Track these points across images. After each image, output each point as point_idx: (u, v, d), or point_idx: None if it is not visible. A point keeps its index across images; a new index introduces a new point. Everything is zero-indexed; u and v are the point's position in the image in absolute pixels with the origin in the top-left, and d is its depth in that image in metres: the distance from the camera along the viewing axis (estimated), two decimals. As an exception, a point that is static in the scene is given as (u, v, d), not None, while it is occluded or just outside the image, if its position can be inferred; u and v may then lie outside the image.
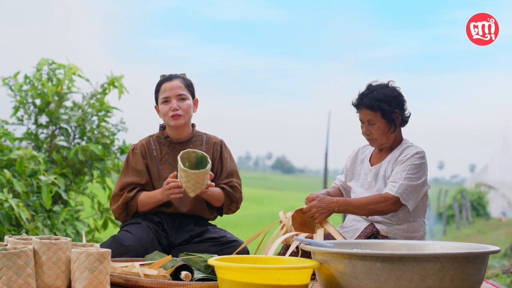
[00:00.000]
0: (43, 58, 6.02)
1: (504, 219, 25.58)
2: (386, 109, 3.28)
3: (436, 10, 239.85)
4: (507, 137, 30.31)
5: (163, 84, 3.58)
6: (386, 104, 3.28)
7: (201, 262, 2.97)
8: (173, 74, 3.62)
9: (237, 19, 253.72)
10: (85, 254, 2.55)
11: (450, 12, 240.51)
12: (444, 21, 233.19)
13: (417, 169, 3.26)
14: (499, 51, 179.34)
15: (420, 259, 2.45)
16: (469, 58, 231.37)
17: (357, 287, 2.51)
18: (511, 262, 10.98)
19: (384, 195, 3.24)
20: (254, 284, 2.44)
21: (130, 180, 3.55)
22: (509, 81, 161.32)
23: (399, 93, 3.35)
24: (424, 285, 2.46)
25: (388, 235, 3.29)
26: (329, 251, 2.57)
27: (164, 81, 3.59)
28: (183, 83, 3.58)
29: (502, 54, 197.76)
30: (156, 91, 3.61)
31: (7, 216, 5.07)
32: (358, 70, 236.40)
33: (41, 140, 6.02)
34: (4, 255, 2.49)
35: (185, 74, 3.67)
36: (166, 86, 3.56)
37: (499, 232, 18.68)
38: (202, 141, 3.67)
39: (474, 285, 2.56)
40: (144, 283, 2.70)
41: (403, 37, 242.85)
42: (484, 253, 2.56)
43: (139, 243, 3.37)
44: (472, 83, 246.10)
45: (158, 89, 3.60)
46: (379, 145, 3.38)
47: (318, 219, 3.22)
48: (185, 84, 3.58)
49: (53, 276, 2.59)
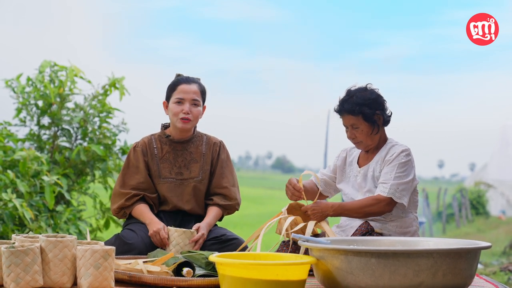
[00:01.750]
0: (45, 60, 6.10)
1: (503, 217, 25.65)
2: (367, 112, 3.37)
3: (436, 10, 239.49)
4: (506, 137, 30.40)
5: (181, 85, 3.62)
6: (366, 107, 3.37)
7: (202, 259, 3.05)
8: (191, 77, 3.67)
9: (237, 19, 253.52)
10: (91, 252, 2.63)
11: (450, 12, 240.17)
12: (444, 21, 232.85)
13: (405, 167, 3.35)
14: (499, 51, 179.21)
15: (414, 255, 2.53)
16: (469, 58, 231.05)
17: (353, 282, 2.60)
18: (509, 260, 11.06)
19: (376, 197, 3.33)
20: (253, 279, 2.53)
21: (131, 182, 3.63)
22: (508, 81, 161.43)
23: (378, 95, 3.44)
24: (418, 280, 2.54)
25: (382, 232, 3.38)
26: (325, 248, 2.66)
27: (182, 81, 3.64)
28: (199, 88, 3.65)
29: (502, 54, 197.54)
30: (171, 89, 3.65)
31: (11, 216, 5.15)
32: (358, 70, 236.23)
33: (43, 141, 6.10)
34: (12, 253, 2.58)
35: (200, 79, 3.74)
36: (183, 87, 3.61)
37: (499, 231, 18.76)
38: (202, 142, 3.76)
39: (466, 280, 2.65)
40: (147, 279, 2.77)
41: (403, 37, 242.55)
42: (475, 249, 2.64)
43: (142, 241, 3.46)
44: (472, 83, 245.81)
45: (174, 88, 3.64)
46: (365, 147, 3.48)
47: (312, 220, 3.34)
48: (200, 90, 3.65)
49: (60, 273, 2.67)
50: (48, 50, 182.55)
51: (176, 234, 3.42)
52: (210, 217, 3.60)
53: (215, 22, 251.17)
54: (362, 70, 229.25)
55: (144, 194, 3.61)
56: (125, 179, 3.64)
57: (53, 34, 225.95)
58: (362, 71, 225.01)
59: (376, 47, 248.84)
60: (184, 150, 3.71)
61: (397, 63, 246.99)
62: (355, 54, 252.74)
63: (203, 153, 3.72)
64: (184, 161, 3.69)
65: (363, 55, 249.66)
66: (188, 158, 3.70)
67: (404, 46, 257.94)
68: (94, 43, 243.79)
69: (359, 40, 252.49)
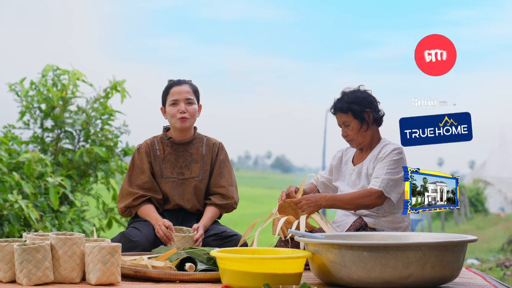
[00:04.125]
0: (48, 64, 6.21)
1: (502, 214, 25.76)
2: (356, 109, 3.56)
3: (436, 10, 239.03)
4: (505, 134, 30.52)
5: (173, 88, 3.80)
6: (355, 105, 3.56)
7: (203, 254, 3.19)
8: (181, 79, 3.85)
9: (237, 19, 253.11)
10: (98, 248, 2.78)
11: (450, 12, 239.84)
12: (444, 21, 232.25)
13: (396, 164, 3.51)
14: (499, 51, 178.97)
15: (403, 248, 2.69)
16: (469, 58, 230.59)
17: (346, 274, 2.75)
18: (507, 256, 11.18)
19: (368, 190, 3.49)
20: (252, 273, 2.68)
21: (137, 182, 3.78)
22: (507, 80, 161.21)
23: (368, 94, 3.63)
24: (407, 272, 2.70)
25: (375, 227, 3.53)
26: (320, 242, 2.81)
27: (173, 85, 3.81)
28: (191, 88, 3.82)
29: (502, 54, 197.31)
30: (165, 94, 3.83)
31: (17, 217, 5.28)
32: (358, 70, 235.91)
33: (47, 143, 6.19)
34: (24, 250, 2.73)
35: (192, 80, 3.91)
36: (175, 89, 3.79)
37: (497, 228, 18.84)
38: (203, 143, 3.91)
39: (453, 272, 2.80)
40: (152, 274, 2.91)
41: (403, 37, 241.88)
42: (462, 242, 2.80)
43: (146, 238, 3.61)
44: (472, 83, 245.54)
45: (167, 92, 3.81)
46: (357, 145, 3.64)
47: (306, 211, 3.49)
48: (192, 90, 3.82)
49: (69, 269, 2.82)
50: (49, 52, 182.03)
51: (176, 239, 3.57)
52: (206, 218, 3.76)
53: (215, 22, 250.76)
54: (362, 70, 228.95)
55: (151, 196, 3.77)
56: (131, 179, 3.80)
57: (53, 35, 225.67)
58: (362, 71, 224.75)
59: (376, 47, 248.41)
60: (185, 151, 3.86)
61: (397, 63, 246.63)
62: (355, 54, 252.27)
63: (203, 154, 3.88)
64: (185, 161, 3.85)
65: (363, 55, 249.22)
66: (189, 159, 3.86)
67: (404, 46, 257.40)
68: (94, 44, 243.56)
69: (359, 40, 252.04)
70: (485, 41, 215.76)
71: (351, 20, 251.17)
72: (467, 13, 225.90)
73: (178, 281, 2.91)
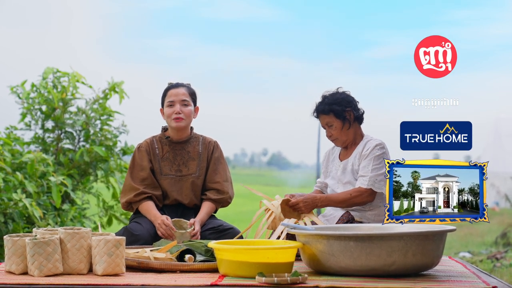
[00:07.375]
0: (48, 67, 6.34)
1: (497, 208, 25.95)
2: (337, 109, 3.79)
3: (436, 10, 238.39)
4: (499, 129, 30.69)
5: (170, 90, 4.02)
6: (336, 106, 3.80)
7: (202, 247, 3.39)
8: (179, 83, 4.07)
9: (237, 19, 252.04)
10: (104, 241, 2.98)
11: (450, 12, 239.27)
12: (444, 21, 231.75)
13: (380, 159, 3.74)
14: (499, 51, 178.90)
15: (386, 238, 2.89)
16: (469, 58, 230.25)
17: (334, 263, 2.95)
18: (498, 249, 11.32)
19: (358, 189, 3.72)
20: (247, 262, 2.88)
21: (138, 178, 3.99)
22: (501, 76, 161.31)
23: (347, 95, 3.87)
24: (391, 260, 2.90)
25: (362, 220, 3.75)
26: (310, 233, 3.02)
27: (171, 87, 4.04)
28: (187, 91, 4.03)
29: (502, 54, 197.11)
30: (163, 96, 4.05)
31: (21, 215, 5.45)
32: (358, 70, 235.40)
33: (48, 143, 6.31)
34: (35, 244, 2.94)
35: (190, 84, 4.11)
36: (172, 92, 4.01)
37: (492, 222, 18.92)
38: (199, 142, 4.13)
39: (433, 259, 3.01)
40: (154, 264, 3.10)
41: (404, 37, 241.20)
42: (441, 232, 3.00)
43: (147, 233, 3.82)
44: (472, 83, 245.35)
45: (165, 94, 4.04)
46: (342, 143, 3.87)
47: (304, 211, 3.72)
48: (189, 92, 4.03)
49: (77, 261, 3.02)
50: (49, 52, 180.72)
51: (176, 235, 3.77)
52: (202, 213, 3.96)
53: (215, 22, 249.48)
54: (362, 70, 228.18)
55: (151, 193, 3.97)
56: (133, 175, 4.01)
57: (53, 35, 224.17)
58: (362, 71, 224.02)
59: (376, 47, 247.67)
60: (182, 149, 4.08)
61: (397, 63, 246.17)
62: (355, 54, 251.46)
63: (200, 152, 4.09)
64: (182, 159, 4.06)
65: (363, 55, 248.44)
66: (186, 157, 4.07)
67: (404, 46, 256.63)
68: (94, 44, 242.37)
69: (359, 40, 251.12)
70: (485, 41, 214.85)
71: (351, 20, 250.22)
72: (467, 13, 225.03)
73: (178, 271, 3.10)
